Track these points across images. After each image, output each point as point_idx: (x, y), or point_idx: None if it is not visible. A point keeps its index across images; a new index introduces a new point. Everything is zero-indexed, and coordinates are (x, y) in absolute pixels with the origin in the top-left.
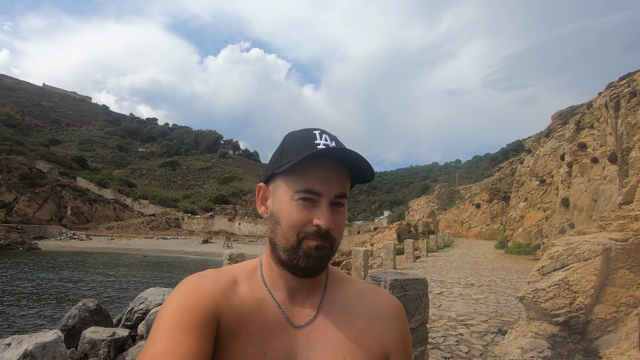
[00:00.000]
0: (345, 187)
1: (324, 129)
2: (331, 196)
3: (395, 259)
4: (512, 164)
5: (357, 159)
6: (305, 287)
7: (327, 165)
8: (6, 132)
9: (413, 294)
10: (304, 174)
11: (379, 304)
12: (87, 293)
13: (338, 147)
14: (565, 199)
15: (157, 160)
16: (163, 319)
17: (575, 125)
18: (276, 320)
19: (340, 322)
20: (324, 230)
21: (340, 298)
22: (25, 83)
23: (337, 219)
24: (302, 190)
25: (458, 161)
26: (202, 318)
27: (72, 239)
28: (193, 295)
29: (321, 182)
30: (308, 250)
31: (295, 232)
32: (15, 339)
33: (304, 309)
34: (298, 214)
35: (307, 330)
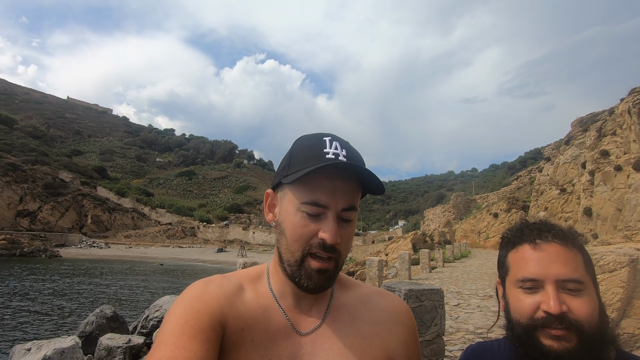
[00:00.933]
0: (354, 198)
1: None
2: (338, 209)
3: (410, 269)
4: (530, 173)
5: (366, 173)
6: (311, 295)
7: (335, 176)
8: (32, 144)
9: (429, 304)
10: (310, 184)
11: (384, 309)
12: (104, 300)
13: (345, 162)
14: (587, 208)
15: (174, 170)
16: (169, 324)
17: (597, 132)
18: (281, 327)
19: (346, 328)
20: (329, 244)
21: (346, 304)
22: (50, 96)
23: (344, 233)
24: (308, 202)
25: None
26: (208, 324)
27: (91, 247)
28: (199, 300)
29: (328, 193)
30: (310, 272)
31: (301, 246)
32: (35, 344)
33: (309, 316)
34: (303, 227)
35: (312, 338)
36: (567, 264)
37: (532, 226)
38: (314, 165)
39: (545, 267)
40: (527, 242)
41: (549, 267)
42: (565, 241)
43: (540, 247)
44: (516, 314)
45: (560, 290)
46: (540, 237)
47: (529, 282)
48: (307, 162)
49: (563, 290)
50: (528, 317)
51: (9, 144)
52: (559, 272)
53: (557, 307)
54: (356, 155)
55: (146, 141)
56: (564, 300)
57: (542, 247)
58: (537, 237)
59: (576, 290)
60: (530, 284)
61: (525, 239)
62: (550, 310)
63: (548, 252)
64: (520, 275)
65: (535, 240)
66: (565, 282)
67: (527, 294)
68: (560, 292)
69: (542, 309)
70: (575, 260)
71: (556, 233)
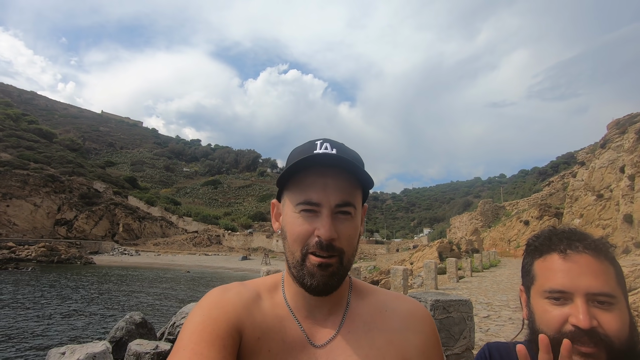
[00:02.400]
0: (348, 194)
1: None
2: (331, 205)
3: (436, 279)
4: (563, 178)
5: (346, 162)
6: (325, 305)
7: (325, 173)
8: (69, 156)
9: (457, 316)
10: (302, 185)
11: (400, 316)
12: (133, 306)
13: (319, 153)
14: (628, 215)
15: (200, 179)
16: (187, 330)
17: (636, 134)
18: (296, 339)
19: (361, 340)
20: (325, 241)
21: (361, 313)
22: (86, 111)
23: (343, 229)
24: (302, 201)
25: (502, 176)
26: (225, 330)
27: (123, 254)
28: (216, 307)
29: (319, 191)
30: (311, 269)
31: (299, 246)
32: (69, 348)
33: (324, 328)
34: (300, 227)
35: (327, 350)
36: (598, 276)
37: (561, 235)
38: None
39: (575, 279)
40: (556, 251)
41: (580, 279)
42: (597, 252)
43: (570, 258)
44: (542, 325)
45: (590, 304)
46: (571, 247)
47: (557, 294)
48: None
49: (593, 304)
50: (555, 330)
51: (48, 157)
52: (589, 285)
53: (587, 321)
54: (349, 154)
55: (174, 152)
56: (594, 315)
57: (573, 257)
58: (567, 247)
59: (607, 304)
60: (559, 295)
61: (554, 248)
62: (580, 325)
63: (579, 264)
64: (549, 286)
65: (566, 251)
66: (596, 296)
67: (555, 305)
68: (590, 305)
69: (570, 322)
70: (607, 273)
71: (588, 244)
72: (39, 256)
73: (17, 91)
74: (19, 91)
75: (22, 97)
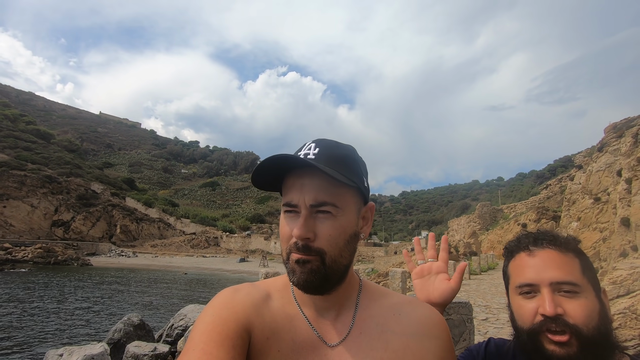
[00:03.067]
0: (327, 194)
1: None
2: (306, 205)
3: None
4: (561, 181)
5: (312, 165)
6: (334, 304)
7: (301, 174)
8: (67, 157)
9: (456, 318)
10: (285, 187)
11: (415, 320)
12: (131, 308)
13: (276, 155)
14: (625, 218)
15: (198, 181)
16: (197, 331)
17: (633, 138)
18: (307, 338)
19: (374, 341)
20: (300, 242)
21: (373, 315)
22: (84, 112)
23: (322, 228)
24: (284, 203)
25: (500, 179)
26: (234, 330)
27: (120, 256)
28: (226, 308)
29: (297, 192)
30: (292, 266)
31: (284, 245)
32: (67, 350)
33: (335, 327)
34: (284, 227)
35: (339, 350)
36: (561, 267)
37: (529, 235)
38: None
39: (540, 272)
40: (523, 250)
41: (544, 271)
42: (559, 246)
43: (534, 254)
44: (519, 320)
45: (555, 293)
46: (536, 245)
47: (526, 287)
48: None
49: (559, 293)
50: (529, 323)
51: (46, 158)
52: (552, 276)
53: (552, 308)
54: (333, 153)
55: (172, 153)
56: (559, 303)
57: (538, 253)
58: (533, 245)
59: (572, 292)
60: (528, 288)
61: (522, 247)
62: (545, 312)
63: (543, 258)
64: (518, 281)
65: (529, 247)
66: (560, 285)
67: (527, 299)
68: (555, 295)
69: (539, 312)
70: (571, 264)
71: (550, 240)
72: (35, 257)
73: (15, 92)
74: (17, 92)
75: (20, 97)
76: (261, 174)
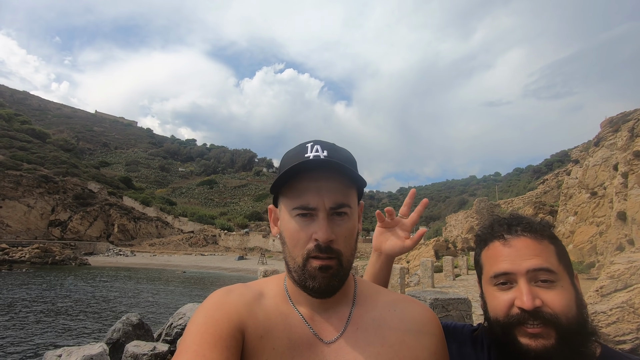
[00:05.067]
0: (343, 196)
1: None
2: (327, 208)
3: (433, 277)
4: (557, 176)
5: (337, 165)
6: (329, 301)
7: (318, 177)
8: (63, 156)
9: (456, 314)
10: (297, 190)
11: (411, 317)
12: (130, 307)
13: (310, 159)
14: (621, 212)
15: (195, 179)
16: (190, 332)
17: (629, 132)
18: (303, 335)
19: (371, 337)
20: (324, 244)
21: (369, 311)
22: (80, 111)
23: (339, 230)
24: (298, 207)
25: (497, 174)
26: (227, 331)
27: (118, 255)
28: (218, 309)
29: (314, 195)
30: (313, 272)
31: (300, 251)
32: (65, 351)
33: (331, 324)
34: (298, 232)
35: (335, 347)
36: (537, 255)
37: (502, 221)
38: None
39: (515, 261)
40: (497, 238)
41: (519, 260)
42: (534, 233)
43: (510, 242)
44: (492, 312)
45: (532, 284)
46: (510, 232)
47: (501, 277)
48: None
49: (536, 284)
50: (504, 315)
51: (42, 157)
52: (529, 264)
53: (530, 301)
54: (341, 155)
55: (169, 152)
56: (537, 294)
57: (512, 242)
58: (506, 232)
59: (549, 281)
60: (504, 278)
61: (495, 235)
62: (524, 306)
63: (518, 247)
64: (493, 271)
65: (504, 236)
66: (537, 273)
67: (502, 290)
68: (532, 285)
69: (516, 305)
70: (547, 251)
71: (525, 226)
72: (32, 257)
73: (10, 91)
74: (12, 91)
75: (15, 97)
76: (283, 180)
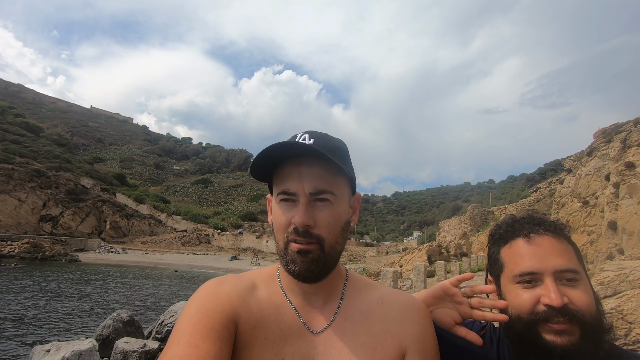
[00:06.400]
0: (325, 182)
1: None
2: (306, 193)
3: (426, 281)
4: (550, 185)
5: (315, 151)
6: (320, 293)
7: (299, 162)
8: (56, 151)
9: None
10: (281, 176)
11: (397, 307)
12: (121, 304)
13: (286, 143)
14: (612, 222)
15: (190, 178)
16: (182, 323)
17: (621, 143)
18: (293, 325)
19: (357, 327)
20: (301, 228)
21: (358, 304)
22: (75, 106)
23: (321, 216)
24: (281, 192)
25: (491, 181)
26: (220, 322)
27: (109, 252)
28: (211, 299)
29: (295, 180)
30: (292, 256)
31: (282, 234)
32: (54, 346)
33: (321, 315)
34: (281, 216)
35: (324, 336)
36: (562, 255)
37: (522, 220)
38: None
39: (542, 260)
40: (520, 236)
41: (546, 259)
42: (556, 233)
43: (534, 241)
44: (515, 309)
45: (558, 283)
46: (534, 231)
47: (527, 276)
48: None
49: (561, 282)
50: (529, 312)
51: (35, 151)
52: (556, 264)
53: (559, 299)
54: (328, 143)
55: (164, 149)
56: (563, 292)
57: (537, 240)
58: (530, 231)
59: (573, 280)
60: (529, 277)
61: (518, 233)
62: (553, 303)
63: (543, 246)
64: (518, 270)
65: (529, 234)
66: (563, 273)
67: (526, 288)
68: (558, 284)
69: (543, 302)
70: (568, 251)
71: (547, 226)
72: (22, 252)
73: (4, 83)
74: (6, 83)
75: (9, 89)
76: (259, 164)
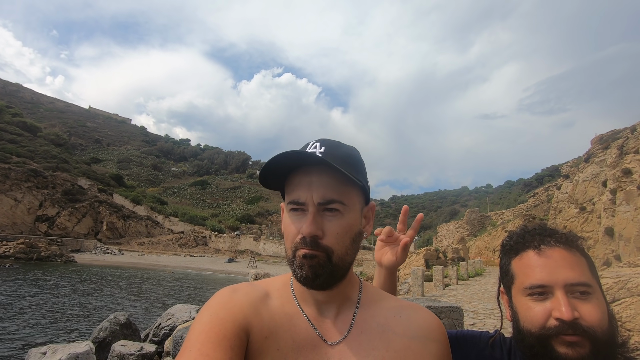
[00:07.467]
0: (335, 192)
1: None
2: (314, 203)
3: (423, 286)
4: (548, 190)
5: (324, 161)
6: (334, 302)
7: (309, 171)
8: (54, 151)
9: (447, 323)
10: (292, 185)
11: (417, 323)
12: (117, 307)
13: (294, 152)
14: (609, 228)
15: (188, 179)
16: (194, 331)
17: (619, 150)
18: (308, 336)
19: (375, 341)
20: (308, 238)
21: (374, 315)
22: (73, 106)
23: (330, 226)
24: (290, 201)
25: (489, 186)
26: (232, 331)
27: (105, 253)
28: (224, 308)
29: (305, 190)
30: (300, 261)
31: (290, 244)
32: (50, 348)
33: (335, 326)
34: (290, 226)
35: (340, 349)
36: (573, 268)
37: (533, 232)
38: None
39: (552, 273)
40: (530, 248)
41: (557, 272)
42: (568, 245)
43: (545, 253)
44: (526, 323)
45: (569, 296)
46: (544, 242)
47: (537, 289)
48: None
49: (573, 295)
50: (540, 326)
51: (32, 151)
52: (567, 277)
53: (570, 313)
54: (339, 152)
55: (162, 150)
56: (574, 306)
57: (547, 252)
58: (540, 243)
59: (585, 293)
60: (540, 290)
61: (528, 245)
62: (563, 317)
63: (554, 258)
64: (529, 282)
65: (540, 246)
66: (574, 287)
67: (537, 301)
68: (570, 297)
69: (554, 316)
70: (581, 264)
71: (559, 237)
72: (17, 253)
73: (2, 82)
74: (4, 83)
75: (7, 89)
76: (269, 173)
